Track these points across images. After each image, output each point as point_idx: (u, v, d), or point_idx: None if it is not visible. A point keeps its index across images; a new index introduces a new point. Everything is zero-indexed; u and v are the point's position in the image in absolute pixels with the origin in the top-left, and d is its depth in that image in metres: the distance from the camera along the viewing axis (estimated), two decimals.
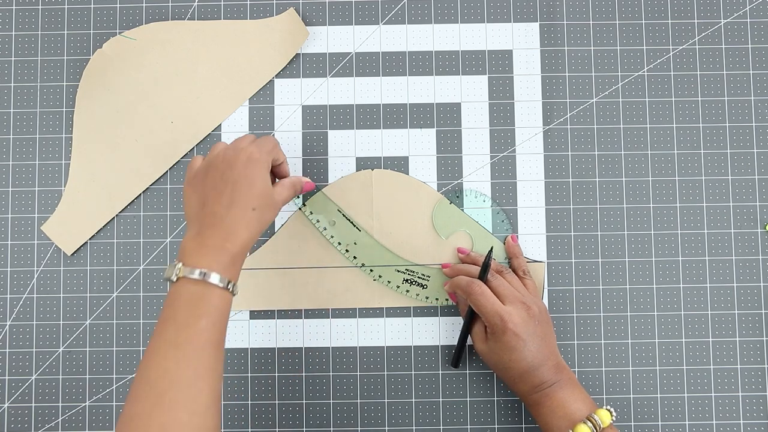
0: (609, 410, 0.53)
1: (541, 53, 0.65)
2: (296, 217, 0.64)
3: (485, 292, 0.56)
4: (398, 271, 0.63)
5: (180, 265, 0.48)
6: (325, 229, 0.63)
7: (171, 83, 0.64)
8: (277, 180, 0.58)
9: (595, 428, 0.52)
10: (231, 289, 0.49)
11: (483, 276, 0.58)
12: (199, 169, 0.54)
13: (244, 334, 0.63)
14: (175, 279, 0.48)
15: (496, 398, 0.62)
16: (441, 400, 0.62)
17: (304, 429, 0.62)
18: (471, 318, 0.59)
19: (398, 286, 0.63)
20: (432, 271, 0.63)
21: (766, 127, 0.65)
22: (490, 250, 0.59)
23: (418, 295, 0.63)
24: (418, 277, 0.63)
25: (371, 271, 0.63)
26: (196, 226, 0.51)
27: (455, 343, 0.63)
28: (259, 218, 0.51)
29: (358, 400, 0.63)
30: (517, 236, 0.63)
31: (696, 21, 0.66)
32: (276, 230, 0.64)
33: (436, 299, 0.63)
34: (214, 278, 0.48)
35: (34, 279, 0.63)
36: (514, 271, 0.61)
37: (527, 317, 0.55)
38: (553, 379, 0.55)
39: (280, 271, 0.63)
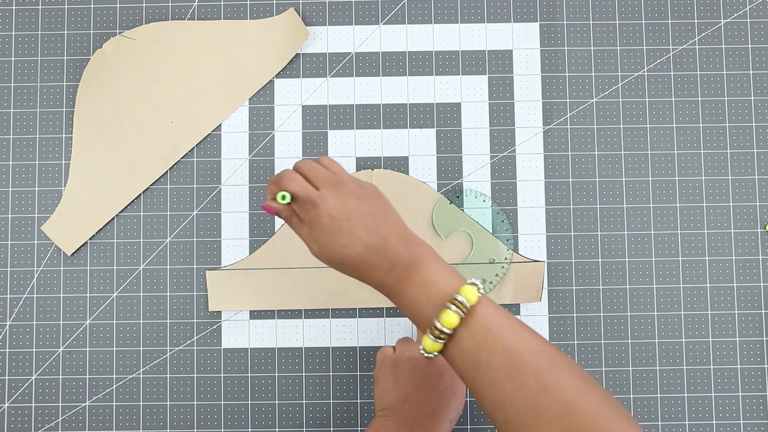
0: (475, 283, 0.44)
1: (541, 53, 0.65)
2: None
3: (295, 178, 0.47)
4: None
5: None
6: None
7: (171, 83, 0.64)
8: None
9: (462, 311, 0.43)
10: None
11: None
12: (402, 358, 0.54)
13: (244, 334, 0.63)
14: None
15: None
16: None
17: (304, 429, 0.62)
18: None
19: None
20: None
21: (766, 127, 0.65)
22: None
23: None
24: None
25: None
26: (395, 419, 0.52)
27: None
28: (452, 425, 0.53)
29: (358, 400, 0.63)
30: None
31: (696, 21, 0.66)
32: (276, 230, 0.64)
33: None
34: None
35: (34, 279, 0.63)
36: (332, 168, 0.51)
37: (342, 194, 0.46)
38: (406, 259, 0.45)
39: (280, 271, 0.63)
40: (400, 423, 0.51)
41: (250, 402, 0.62)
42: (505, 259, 0.63)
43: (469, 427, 0.62)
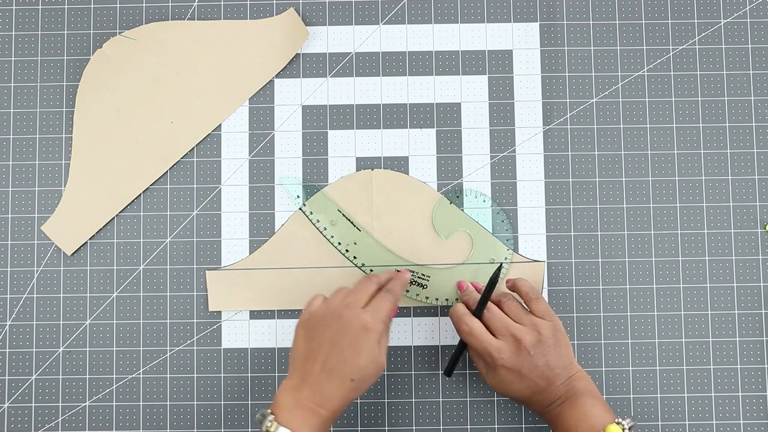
0: (621, 423, 0.51)
1: (541, 53, 0.65)
2: (296, 217, 0.64)
3: (474, 331, 0.55)
4: (398, 271, 0.63)
5: (272, 419, 0.50)
6: (325, 228, 0.63)
7: (171, 83, 0.64)
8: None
9: None
10: None
11: (480, 309, 0.56)
12: (315, 316, 0.54)
13: (244, 334, 0.63)
14: (264, 431, 0.49)
15: (496, 398, 0.62)
16: (441, 400, 0.62)
17: None
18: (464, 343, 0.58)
19: None
20: (432, 271, 0.63)
21: (766, 127, 0.65)
22: (492, 283, 0.56)
23: (418, 295, 0.63)
24: (418, 277, 0.63)
25: (371, 271, 0.63)
26: (297, 377, 0.52)
27: (455, 344, 0.63)
28: (357, 387, 0.52)
29: (359, 400, 0.63)
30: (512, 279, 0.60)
31: (696, 21, 0.66)
32: (276, 230, 0.64)
33: (436, 299, 0.63)
34: None
35: (34, 279, 0.63)
36: (521, 296, 0.58)
37: (517, 350, 0.54)
38: (564, 396, 0.54)
39: (280, 271, 0.63)
40: (301, 381, 0.52)
41: (250, 402, 0.62)
42: (505, 259, 0.63)
43: (469, 427, 0.62)
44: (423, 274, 0.63)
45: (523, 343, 0.54)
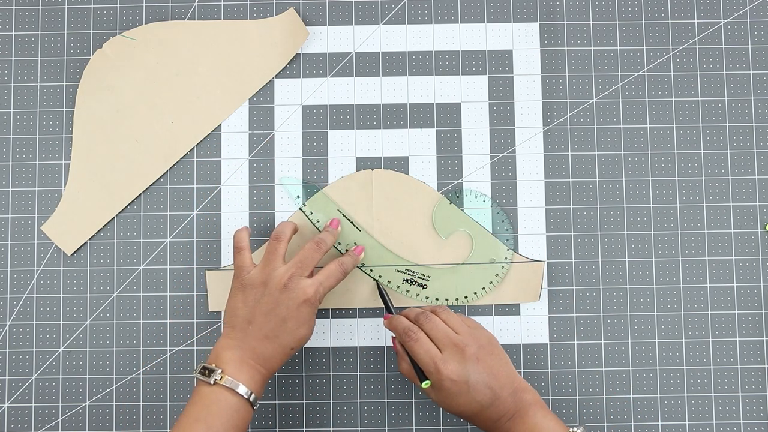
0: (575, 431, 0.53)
1: (541, 53, 0.65)
2: (296, 217, 0.64)
3: (420, 339, 0.54)
4: (398, 271, 0.63)
5: (220, 371, 0.52)
6: None
7: (171, 83, 0.64)
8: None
9: None
10: (254, 405, 0.53)
11: (388, 311, 0.58)
12: (255, 281, 0.56)
13: None
14: (212, 383, 0.52)
15: None
16: None
17: (304, 429, 0.62)
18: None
19: (398, 286, 0.63)
20: (432, 271, 0.63)
21: (766, 127, 0.65)
22: (378, 285, 0.61)
23: (418, 295, 0.63)
24: (418, 277, 0.63)
25: (371, 271, 0.63)
26: (238, 337, 0.55)
27: None
28: (293, 352, 0.56)
29: (358, 400, 0.63)
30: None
31: (696, 21, 0.66)
32: None
33: (436, 299, 0.63)
34: (250, 395, 0.52)
35: (34, 279, 0.63)
36: (437, 314, 0.56)
37: (462, 359, 0.52)
38: (512, 409, 0.52)
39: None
40: (242, 342, 0.54)
41: None
42: (505, 259, 0.63)
43: (469, 427, 0.62)
44: (423, 274, 0.63)
45: (466, 351, 0.52)
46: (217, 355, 0.54)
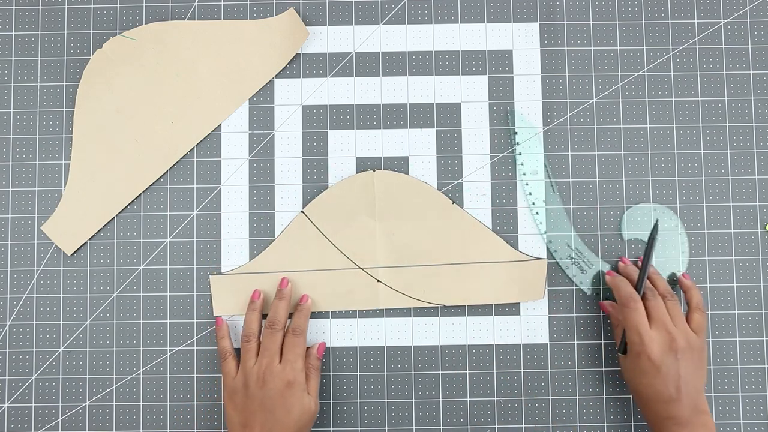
0: None
1: (541, 53, 0.65)
2: (298, 220, 0.64)
3: (638, 309, 0.56)
4: (400, 271, 0.63)
5: None
6: (327, 231, 0.63)
7: (171, 83, 0.64)
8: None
9: None
10: None
11: (640, 286, 0.59)
12: (238, 386, 0.58)
13: None
14: None
15: (496, 398, 0.62)
16: (441, 400, 0.62)
17: None
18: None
19: (401, 287, 0.63)
20: (436, 270, 0.63)
21: (766, 127, 0.65)
22: (651, 240, 0.60)
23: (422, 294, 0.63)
24: (422, 276, 0.63)
25: (372, 271, 0.63)
26: None
27: (455, 343, 0.63)
28: (306, 429, 0.57)
29: (358, 400, 0.63)
30: (688, 274, 0.63)
31: (696, 21, 0.66)
32: (277, 232, 0.64)
33: (440, 298, 0.63)
34: None
35: (34, 279, 0.63)
36: (688, 302, 0.60)
37: (667, 347, 0.55)
38: (686, 420, 0.54)
39: (281, 275, 0.63)
40: None
41: None
42: (506, 259, 0.63)
43: (469, 427, 0.62)
44: (427, 274, 0.63)
45: (675, 344, 0.55)
46: None
